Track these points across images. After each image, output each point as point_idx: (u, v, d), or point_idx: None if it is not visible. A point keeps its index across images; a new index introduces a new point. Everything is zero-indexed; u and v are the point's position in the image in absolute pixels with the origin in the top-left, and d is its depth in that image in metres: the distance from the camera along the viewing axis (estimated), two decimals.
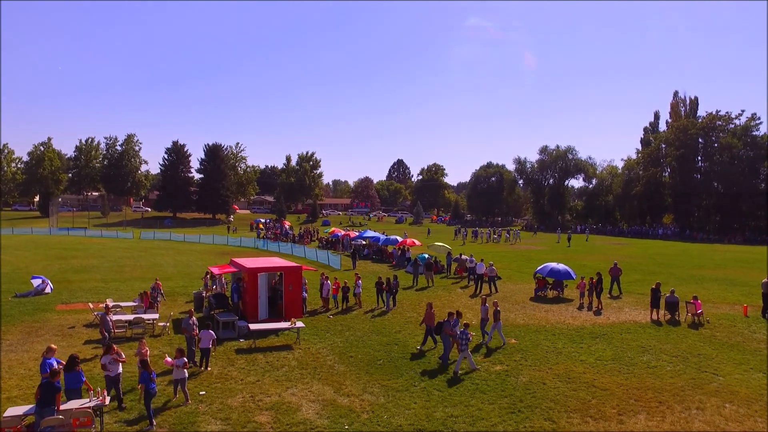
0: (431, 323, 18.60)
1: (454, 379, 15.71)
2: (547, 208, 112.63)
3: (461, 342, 16.17)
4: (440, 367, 16.74)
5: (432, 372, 16.21)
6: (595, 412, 13.18)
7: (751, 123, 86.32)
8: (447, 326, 17.14)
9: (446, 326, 17.17)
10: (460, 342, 16.20)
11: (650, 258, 47.86)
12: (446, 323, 17.31)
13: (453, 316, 17.50)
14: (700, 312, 22.47)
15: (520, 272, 37.47)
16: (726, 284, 32.40)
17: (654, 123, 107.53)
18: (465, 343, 16.12)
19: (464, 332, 16.28)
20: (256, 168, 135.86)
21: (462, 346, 16.14)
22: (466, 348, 16.15)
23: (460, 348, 16.24)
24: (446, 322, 17.38)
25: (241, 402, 13.81)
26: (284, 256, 44.73)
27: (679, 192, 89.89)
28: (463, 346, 16.11)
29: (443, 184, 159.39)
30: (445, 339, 17.14)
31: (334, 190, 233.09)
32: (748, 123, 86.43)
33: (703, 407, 13.51)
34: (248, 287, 22.52)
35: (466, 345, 16.12)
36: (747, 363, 17.16)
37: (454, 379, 15.52)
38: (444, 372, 16.22)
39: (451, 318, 17.41)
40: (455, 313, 17.85)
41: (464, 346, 16.11)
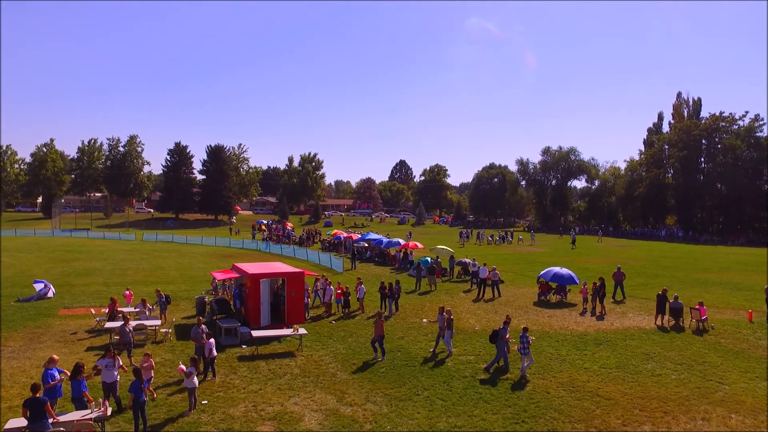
0: (380, 333, 18.22)
1: (518, 383, 15.96)
2: (549, 209, 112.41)
3: (523, 345, 16.58)
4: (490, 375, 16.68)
5: (435, 381, 16.11)
6: (600, 423, 13.08)
7: (755, 124, 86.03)
8: (504, 333, 17.34)
9: (502, 333, 17.35)
10: (523, 345, 16.59)
11: (654, 261, 47.68)
12: (502, 330, 17.45)
13: (508, 324, 17.87)
14: (705, 318, 22.35)
15: (522, 276, 37.38)
16: (730, 288, 32.24)
17: (657, 124, 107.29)
18: (526, 346, 16.57)
19: (524, 335, 16.74)
20: (258, 169, 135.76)
21: (524, 349, 16.55)
22: (528, 351, 16.62)
23: (524, 351, 16.59)
24: (502, 329, 17.50)
25: (244, 412, 13.75)
26: (286, 258, 44.70)
27: (682, 193, 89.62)
28: (525, 350, 16.55)
29: (445, 185, 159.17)
30: (500, 346, 17.33)
31: (336, 190, 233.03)
32: (752, 124, 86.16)
33: (709, 418, 13.40)
34: (250, 293, 22.47)
35: (527, 348, 16.58)
36: (752, 371, 17.04)
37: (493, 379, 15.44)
38: (447, 380, 16.13)
39: (506, 325, 17.75)
40: (506, 319, 18.33)
41: (526, 350, 16.56)
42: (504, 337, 17.25)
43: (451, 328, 18.80)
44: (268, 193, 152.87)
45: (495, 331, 17.88)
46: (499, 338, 17.38)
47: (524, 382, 16.02)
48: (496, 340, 17.50)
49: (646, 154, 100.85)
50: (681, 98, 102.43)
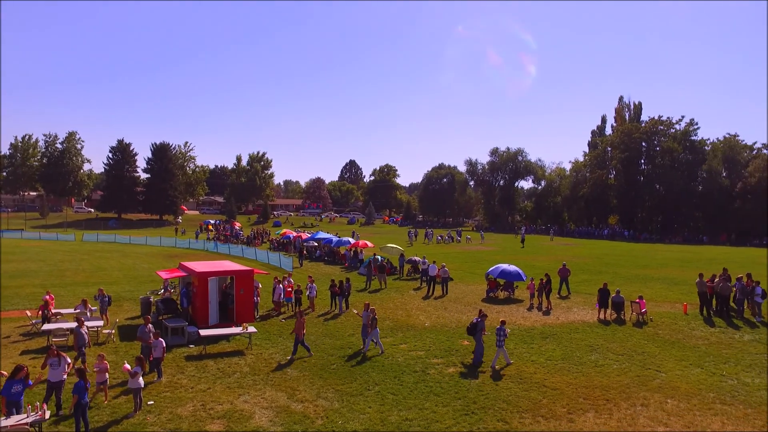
0: (300, 332, 18.14)
1: (495, 374, 16.42)
2: (497, 208, 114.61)
3: (499, 338, 17.05)
4: (470, 367, 16.80)
5: (386, 376, 16.18)
6: (546, 412, 13.46)
7: (690, 128, 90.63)
8: (481, 327, 17.68)
9: (480, 327, 17.68)
10: (498, 338, 17.07)
11: (597, 258, 49.30)
12: (480, 323, 17.77)
13: (484, 318, 18.15)
14: (644, 311, 23.31)
15: (471, 273, 37.97)
16: (667, 283, 33.64)
17: (601, 127, 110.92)
18: (502, 339, 17.05)
19: (501, 328, 17.16)
20: (205, 168, 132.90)
21: (499, 341, 17.03)
22: (503, 344, 17.10)
23: (498, 343, 17.08)
24: (479, 322, 17.82)
25: (192, 411, 13.45)
26: (235, 258, 43.95)
27: (623, 194, 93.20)
28: (500, 342, 17.02)
29: (395, 185, 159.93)
30: (478, 339, 17.64)
31: (285, 190, 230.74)
32: (687, 128, 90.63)
33: (647, 403, 14.00)
34: (198, 292, 22.00)
35: (502, 341, 17.06)
36: (687, 359, 17.89)
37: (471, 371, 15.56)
38: (398, 375, 16.23)
39: (483, 319, 18.06)
40: (480, 313, 18.53)
41: (501, 342, 17.03)
42: (483, 330, 17.71)
43: (375, 327, 18.69)
44: (216, 192, 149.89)
45: (472, 323, 18.23)
46: (477, 330, 17.76)
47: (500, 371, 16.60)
48: (475, 332, 17.84)
49: (590, 155, 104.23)
50: (623, 102, 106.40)
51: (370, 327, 18.63)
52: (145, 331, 16.49)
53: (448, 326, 22.54)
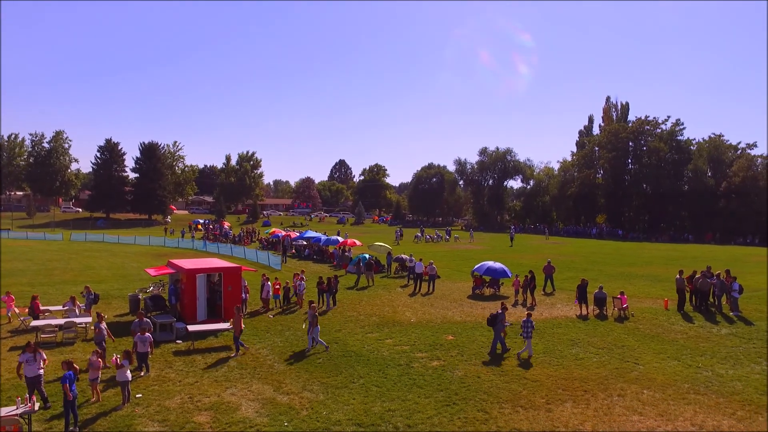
0: (238, 329, 18.26)
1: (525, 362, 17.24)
2: (486, 208, 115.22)
3: (525, 330, 17.75)
4: (491, 357, 17.14)
5: (371, 369, 16.52)
6: (526, 402, 13.87)
7: (676, 128, 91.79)
8: (501, 318, 18.39)
9: (501, 318, 18.37)
10: (525, 330, 17.77)
11: (584, 257, 49.87)
12: (500, 315, 18.45)
13: (505, 310, 18.98)
14: (625, 306, 23.83)
15: (459, 271, 38.35)
16: (651, 280, 34.19)
17: (588, 126, 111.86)
18: (529, 331, 17.71)
19: (528, 320, 17.84)
20: (194, 167, 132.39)
21: (527, 333, 17.73)
22: (531, 335, 17.80)
23: (525, 335, 17.79)
24: (499, 314, 18.49)
25: (180, 403, 13.73)
26: (224, 257, 44.07)
27: (611, 193, 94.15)
28: (528, 334, 17.73)
29: (385, 184, 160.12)
30: (497, 330, 18.32)
31: (275, 190, 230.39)
32: (673, 128, 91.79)
33: (624, 394, 14.46)
34: (186, 288, 22.22)
35: (530, 332, 17.75)
36: (665, 352, 18.39)
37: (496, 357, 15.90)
38: (382, 368, 16.57)
39: (504, 311, 18.85)
40: (504, 306, 19.31)
41: (529, 334, 17.73)
42: (502, 321, 18.35)
43: (316, 325, 18.62)
44: (205, 192, 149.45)
45: (493, 315, 18.84)
46: (497, 322, 18.35)
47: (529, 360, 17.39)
48: (495, 323, 18.43)
49: (577, 155, 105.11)
50: (610, 102, 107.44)
51: (312, 325, 18.65)
52: (137, 325, 16.75)
53: (434, 322, 22.90)
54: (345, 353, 18.30)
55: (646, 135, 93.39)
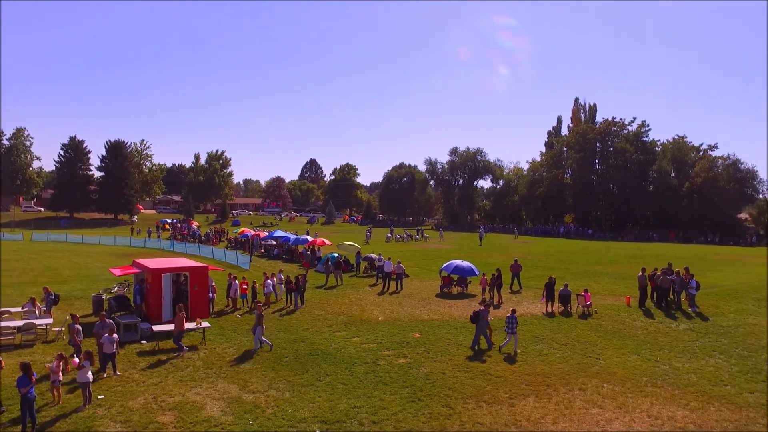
0: (180, 328, 18.12)
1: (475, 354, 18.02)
2: (456, 207, 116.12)
3: (510, 325, 18.28)
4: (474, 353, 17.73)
5: (337, 367, 16.60)
6: (489, 397, 14.12)
7: (642, 129, 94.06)
8: (484, 314, 18.80)
9: (483, 314, 18.77)
10: (509, 325, 18.30)
11: (551, 255, 50.67)
12: (482, 312, 18.88)
13: (488, 307, 19.70)
14: (589, 303, 24.38)
15: (428, 270, 38.61)
16: (615, 278, 34.95)
17: (557, 127, 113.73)
18: (513, 326, 18.22)
19: (512, 316, 18.38)
20: (162, 166, 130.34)
21: (511, 328, 18.25)
22: (515, 330, 18.31)
23: (510, 330, 18.28)
24: (482, 311, 18.94)
25: (143, 404, 13.59)
26: (191, 256, 43.53)
27: (578, 193, 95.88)
28: (512, 329, 18.25)
29: (356, 184, 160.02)
30: (479, 326, 18.70)
31: (244, 189, 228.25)
32: (639, 129, 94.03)
33: (585, 388, 14.84)
34: (152, 288, 21.97)
35: (514, 328, 18.27)
36: (625, 347, 18.91)
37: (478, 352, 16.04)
38: (349, 366, 16.66)
39: (487, 308, 19.45)
40: (486, 303, 20.26)
41: (513, 329, 18.24)
42: (485, 318, 18.71)
43: (260, 324, 18.59)
44: (173, 191, 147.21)
45: (476, 312, 19.25)
46: (480, 319, 18.71)
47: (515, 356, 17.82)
48: (477, 320, 18.80)
49: (546, 155, 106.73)
50: (578, 103, 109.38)
51: (256, 325, 18.62)
52: (100, 326, 16.48)
53: (401, 320, 23.07)
54: (312, 351, 18.33)
55: (612, 136, 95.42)
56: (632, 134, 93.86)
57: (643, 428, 12.41)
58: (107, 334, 15.91)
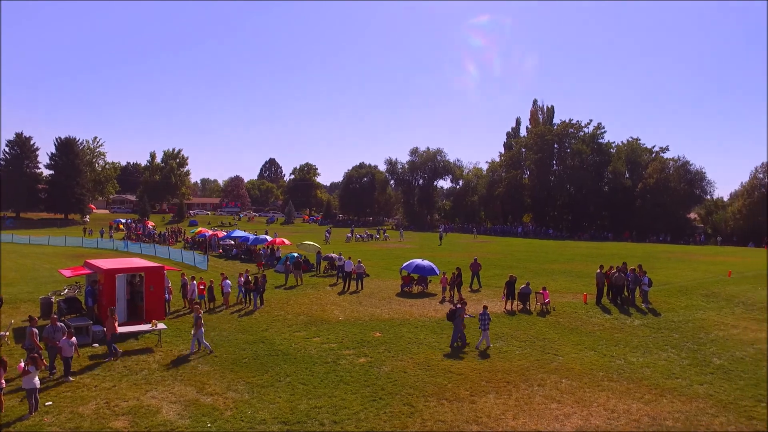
0: (112, 331, 17.61)
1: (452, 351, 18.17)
2: (416, 207, 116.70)
3: (482, 322, 18.68)
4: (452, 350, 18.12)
5: (298, 368, 16.39)
6: (451, 395, 14.17)
7: (598, 131, 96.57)
8: (460, 313, 19.00)
9: (459, 313, 18.98)
10: (482, 322, 18.69)
11: (510, 254, 51.33)
12: (459, 310, 19.09)
13: (465, 305, 19.88)
14: (547, 301, 24.78)
15: (388, 270, 38.58)
16: (572, 276, 35.63)
17: (515, 128, 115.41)
18: (486, 323, 18.66)
19: (484, 314, 18.82)
20: (116, 164, 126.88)
21: (483, 325, 18.67)
22: (487, 327, 18.77)
23: (482, 327, 18.68)
24: (459, 309, 19.13)
25: (95, 409, 13.11)
26: (147, 257, 42.40)
27: (536, 193, 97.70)
28: (485, 326, 18.68)
29: (316, 183, 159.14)
30: (456, 324, 18.95)
31: (202, 189, 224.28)
32: (595, 131, 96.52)
33: (544, 383, 15.07)
34: (105, 289, 21.23)
35: (487, 324, 18.72)
36: (582, 343, 19.30)
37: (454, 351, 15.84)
38: (309, 366, 16.47)
39: (464, 306, 19.66)
40: (462, 301, 20.32)
41: (485, 326, 18.67)
42: (461, 316, 18.88)
43: (200, 326, 18.04)
44: (128, 190, 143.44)
45: (452, 310, 19.46)
46: (456, 317, 18.88)
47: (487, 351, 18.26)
48: (454, 318, 19.00)
49: (505, 156, 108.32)
50: (537, 105, 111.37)
51: (195, 326, 18.12)
52: (51, 330, 15.82)
53: (362, 320, 22.97)
54: (271, 352, 18.06)
55: (569, 137, 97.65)
56: (588, 136, 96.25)
57: (600, 422, 12.66)
58: (65, 337, 15.34)
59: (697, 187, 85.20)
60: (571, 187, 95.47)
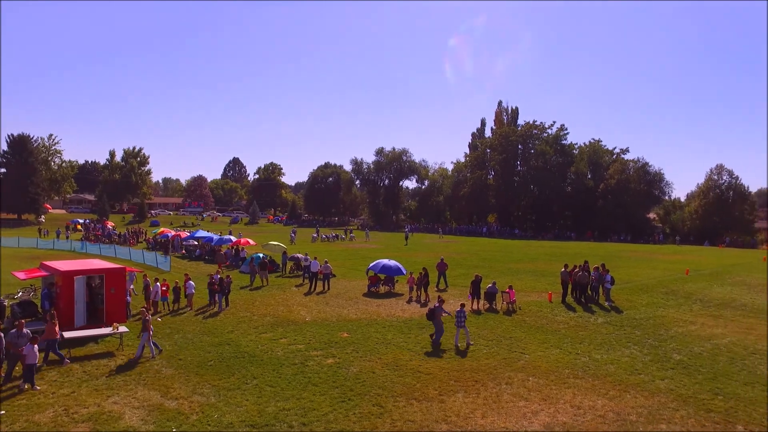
0: (52, 336, 16.87)
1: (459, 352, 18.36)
2: (382, 207, 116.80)
3: (459, 319, 18.85)
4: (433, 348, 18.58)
5: (265, 370, 16.15)
6: (420, 395, 14.17)
7: (561, 133, 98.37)
8: (439, 312, 19.16)
9: (438, 312, 19.15)
10: (458, 319, 18.87)
11: (475, 254, 51.80)
12: (438, 309, 19.25)
13: (442, 303, 20.04)
14: (513, 300, 25.05)
15: (354, 270, 38.48)
16: (537, 275, 36.16)
17: (481, 129, 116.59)
18: (462, 321, 18.83)
19: (461, 311, 19.02)
20: (73, 163, 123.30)
21: (459, 323, 18.84)
22: (464, 324, 18.90)
23: (458, 324, 18.87)
24: (438, 308, 19.30)
25: (52, 417, 12.64)
26: (107, 258, 41.26)
27: (501, 193, 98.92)
28: (461, 323, 18.84)
29: (280, 183, 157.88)
30: (437, 324, 19.11)
31: (164, 188, 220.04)
32: (558, 133, 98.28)
33: (512, 382, 15.21)
34: (63, 292, 20.54)
35: (463, 322, 18.87)
36: (548, 341, 19.56)
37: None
38: (276, 368, 16.25)
39: (441, 304, 19.78)
40: (440, 300, 20.43)
41: (462, 323, 18.84)
42: (440, 315, 19.09)
43: (147, 330, 17.36)
44: (86, 190, 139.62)
45: (431, 309, 19.55)
46: (435, 316, 19.00)
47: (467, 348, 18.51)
48: (434, 317, 19.12)
49: (470, 156, 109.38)
50: (501, 106, 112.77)
51: (142, 330, 17.47)
52: (14, 336, 15.15)
53: (329, 320, 22.81)
54: (238, 354, 17.75)
55: (533, 138, 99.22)
56: (552, 137, 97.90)
57: (567, 418, 12.83)
58: (30, 343, 14.75)
59: (656, 188, 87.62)
60: (535, 187, 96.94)
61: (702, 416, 13.09)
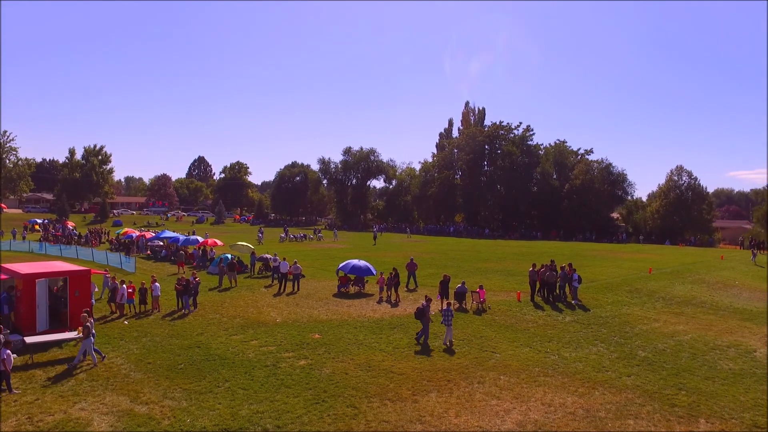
0: None
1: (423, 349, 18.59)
2: (350, 207, 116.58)
3: (445, 318, 19.25)
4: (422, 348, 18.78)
5: (236, 372, 15.98)
6: (393, 395, 14.23)
7: (527, 134, 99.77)
8: (426, 311, 19.28)
9: (427, 311, 19.32)
10: (445, 318, 19.27)
11: (444, 254, 52.14)
12: (425, 308, 19.32)
13: (430, 302, 20.09)
14: (483, 300, 25.34)
15: (323, 270, 38.35)
16: (505, 274, 36.60)
17: (448, 129, 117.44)
18: (449, 319, 19.21)
19: (447, 309, 19.45)
20: (30, 161, 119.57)
21: (446, 321, 19.24)
22: (450, 322, 19.28)
23: (445, 322, 19.26)
24: (425, 307, 19.37)
25: (15, 426, 12.27)
26: (68, 260, 40.17)
27: (468, 193, 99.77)
28: (448, 321, 19.23)
29: (247, 182, 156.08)
30: (424, 323, 19.25)
31: (126, 187, 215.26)
32: (524, 133, 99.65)
33: (484, 381, 15.41)
34: (23, 296, 19.97)
35: (449, 320, 19.24)
36: (518, 340, 19.87)
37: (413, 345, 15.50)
38: (248, 370, 16.10)
39: (429, 303, 19.88)
40: (428, 299, 20.36)
41: (448, 321, 19.22)
42: (428, 314, 19.31)
43: (88, 336, 16.65)
44: (44, 189, 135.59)
45: (419, 308, 19.61)
46: (424, 315, 19.05)
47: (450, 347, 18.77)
48: (422, 316, 19.15)
49: (438, 156, 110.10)
50: (469, 107, 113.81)
51: (83, 336, 16.85)
52: None
53: (300, 321, 22.70)
54: (208, 357, 17.51)
55: (500, 139, 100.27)
56: (518, 138, 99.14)
57: (539, 416, 13.06)
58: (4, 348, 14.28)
59: (619, 188, 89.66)
60: (502, 187, 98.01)
61: (667, 411, 13.49)
